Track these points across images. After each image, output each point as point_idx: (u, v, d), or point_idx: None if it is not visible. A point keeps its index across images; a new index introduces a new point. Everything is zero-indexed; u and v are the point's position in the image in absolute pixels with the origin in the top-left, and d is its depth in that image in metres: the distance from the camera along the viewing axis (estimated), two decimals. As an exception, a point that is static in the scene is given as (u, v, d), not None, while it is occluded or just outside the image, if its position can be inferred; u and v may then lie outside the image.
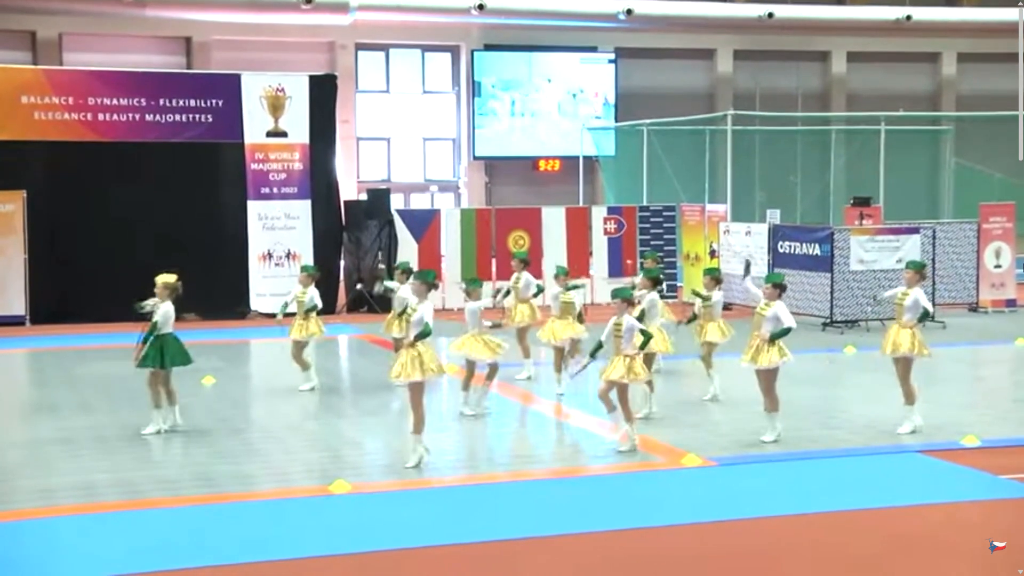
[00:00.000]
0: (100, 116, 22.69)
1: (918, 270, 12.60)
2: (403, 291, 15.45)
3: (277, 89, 23.71)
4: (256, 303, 23.02)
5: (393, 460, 11.35)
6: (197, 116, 23.31)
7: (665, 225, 26.01)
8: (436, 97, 33.71)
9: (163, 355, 12.27)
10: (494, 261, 24.61)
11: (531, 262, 16.87)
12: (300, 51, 31.27)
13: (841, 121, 33.29)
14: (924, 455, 11.39)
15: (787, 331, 11.80)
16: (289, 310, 15.05)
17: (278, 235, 23.63)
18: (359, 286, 22.86)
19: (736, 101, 33.10)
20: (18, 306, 21.94)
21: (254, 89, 23.58)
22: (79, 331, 20.58)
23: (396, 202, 27.45)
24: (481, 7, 31.58)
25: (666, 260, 25.99)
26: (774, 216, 24.44)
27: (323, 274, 22.71)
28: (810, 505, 9.79)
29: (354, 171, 31.98)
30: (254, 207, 23.55)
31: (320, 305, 15.06)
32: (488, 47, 33.15)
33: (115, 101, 22.88)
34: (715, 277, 14.68)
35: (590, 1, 33.22)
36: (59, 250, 21.87)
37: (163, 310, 12.28)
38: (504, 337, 13.66)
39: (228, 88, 23.55)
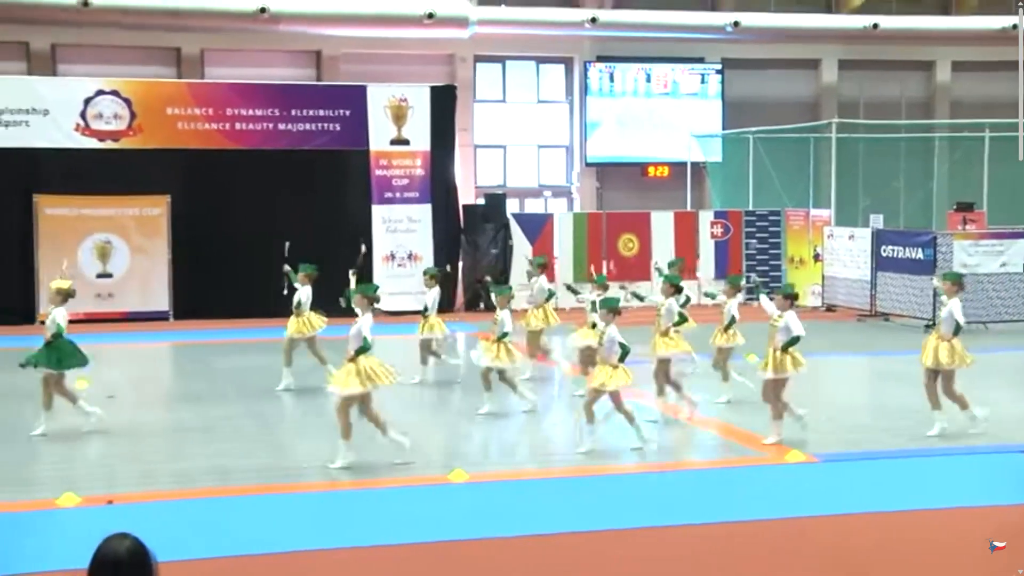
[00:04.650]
0: (237, 126, 23.12)
1: (955, 281, 12.05)
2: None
3: (400, 99, 23.91)
4: (380, 302, 23.21)
5: (505, 451, 11.35)
6: (326, 125, 23.61)
7: (770, 229, 25.66)
8: (550, 106, 33.67)
9: (59, 359, 12.03)
10: (605, 263, 24.48)
11: (549, 267, 16.70)
12: (422, 63, 31.48)
13: (945, 128, 32.44)
14: (1027, 456, 11.04)
15: (797, 339, 11.42)
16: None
17: (400, 237, 23.84)
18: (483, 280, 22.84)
19: (840, 109, 32.47)
20: (162, 302, 22.48)
21: (379, 99, 23.82)
22: (217, 326, 21.02)
23: (512, 206, 27.49)
24: (594, 20, 31.47)
25: (771, 263, 25.66)
26: (877, 221, 23.94)
27: (442, 275, 22.95)
28: (911, 502, 9.55)
29: (472, 177, 32.09)
30: (378, 211, 23.79)
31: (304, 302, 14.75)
32: (600, 58, 33.00)
33: (251, 112, 23.29)
34: (735, 284, 14.09)
35: (698, 14, 32.89)
36: (199, 251, 22.32)
37: (54, 314, 12.12)
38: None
39: (355, 99, 23.82)
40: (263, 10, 28.66)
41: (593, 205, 32.66)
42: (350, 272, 12.96)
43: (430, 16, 29.81)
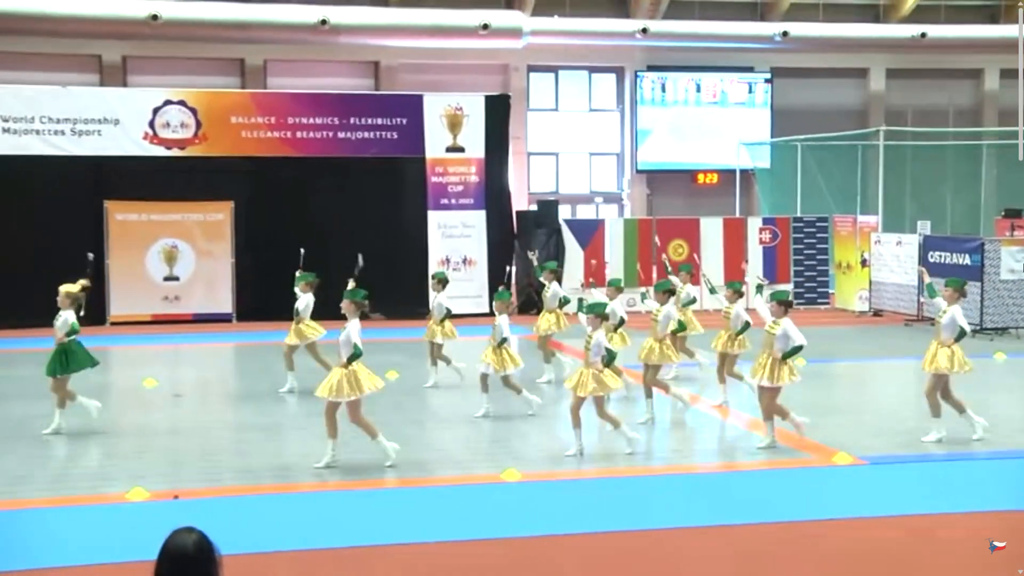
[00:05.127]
0: (298, 134, 23.32)
1: (957, 288, 11.79)
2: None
3: (456, 108, 23.99)
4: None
5: (558, 451, 11.33)
6: (383, 133, 23.74)
7: (818, 235, 25.44)
8: (601, 115, 33.62)
9: (67, 361, 12.09)
10: (655, 268, 24.40)
11: (560, 273, 16.59)
12: (477, 73, 31.55)
13: (992, 136, 31.98)
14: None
15: (799, 349, 11.18)
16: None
17: (455, 242, 23.91)
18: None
19: (888, 117, 32.14)
20: (226, 304, 22.71)
21: (435, 108, 23.91)
22: (278, 328, 21.11)
23: (563, 212, 27.47)
24: (644, 31, 31.38)
25: (819, 269, 25.44)
26: (925, 227, 23.67)
27: (496, 280, 22.98)
28: (957, 504, 9.42)
29: (525, 183, 32.11)
30: (434, 216, 23.88)
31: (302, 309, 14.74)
32: (651, 68, 32.91)
33: (311, 120, 23.47)
34: (737, 290, 13.82)
35: (747, 24, 32.70)
36: (261, 254, 22.51)
37: (63, 318, 12.15)
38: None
39: (411, 108, 23.93)
40: (324, 22, 28.88)
41: (643, 211, 32.55)
42: (349, 281, 12.84)
43: (485, 27, 29.89)
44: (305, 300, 14.82)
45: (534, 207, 27.37)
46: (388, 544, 8.39)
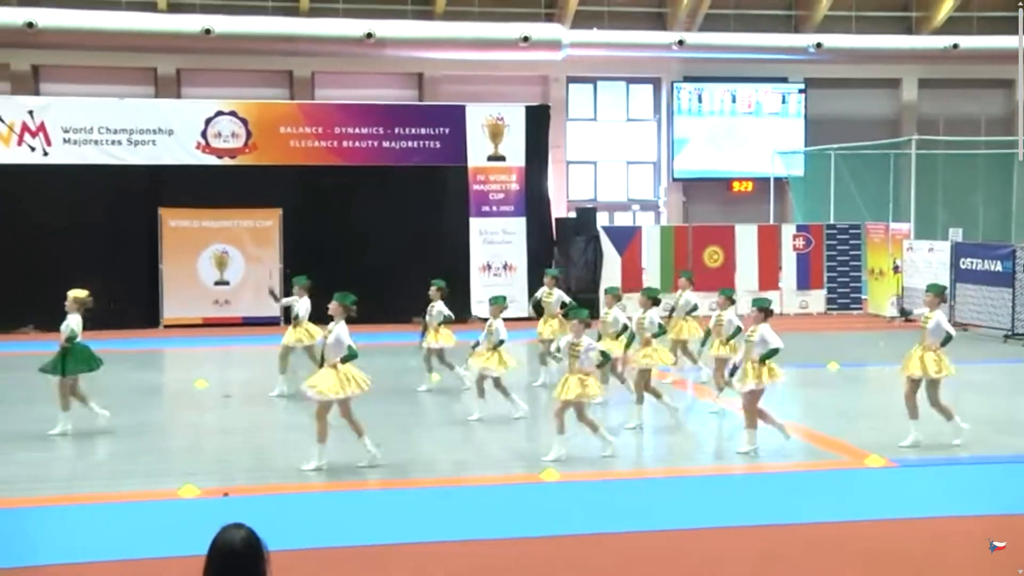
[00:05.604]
0: (344, 143, 23.44)
1: (938, 293, 11.59)
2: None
3: (497, 118, 24.03)
4: (476, 309, 23.35)
5: (595, 453, 11.31)
6: (426, 143, 23.81)
7: (851, 242, 25.27)
8: (639, 124, 33.55)
9: (64, 363, 12.12)
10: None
11: (561, 279, 16.46)
12: (517, 84, 31.58)
13: (1024, 145, 31.60)
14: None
15: (776, 352, 11.01)
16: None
17: (496, 248, 23.94)
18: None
19: (920, 126, 31.85)
20: (274, 308, 22.77)
21: (477, 118, 23.96)
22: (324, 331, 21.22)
23: (601, 219, 27.42)
24: (681, 43, 31.30)
25: (851, 275, 25.24)
26: (956, 234, 23.42)
27: (535, 285, 22.97)
28: (987, 507, 9.30)
29: (564, 191, 32.10)
30: (475, 223, 23.92)
31: (302, 315, 14.73)
32: (687, 79, 32.81)
33: (357, 130, 23.58)
34: (728, 297, 13.58)
35: (782, 36, 32.52)
36: (308, 260, 22.60)
37: (72, 321, 12.17)
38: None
39: (454, 118, 23.99)
40: (370, 35, 29.04)
41: (680, 218, 32.43)
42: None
43: (525, 40, 29.93)
44: (304, 304, 14.84)
45: (573, 214, 27.35)
46: (431, 542, 8.40)
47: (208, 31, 28.26)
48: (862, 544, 8.40)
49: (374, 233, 22.86)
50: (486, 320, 15.49)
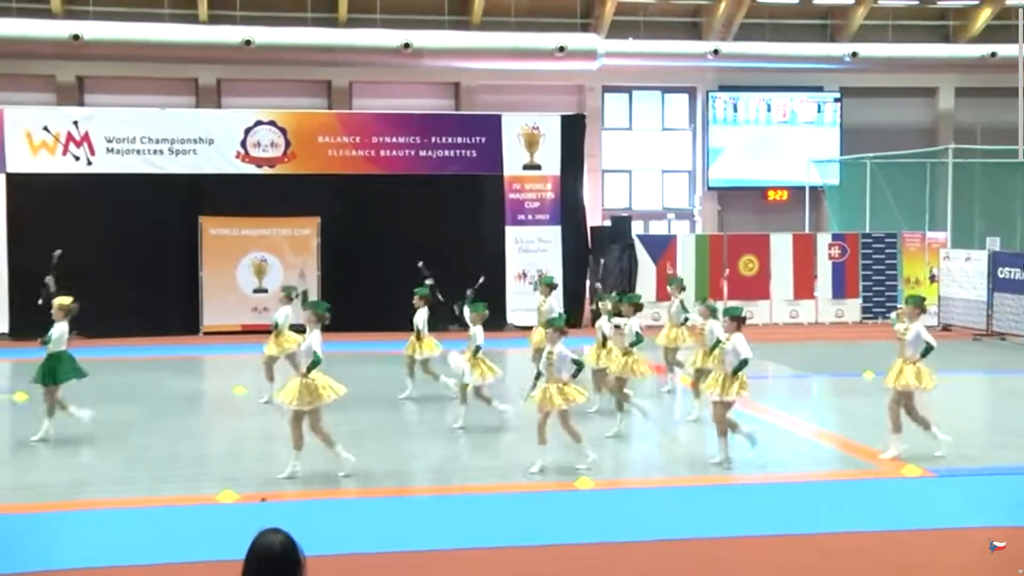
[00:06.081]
0: (382, 152, 23.53)
1: (917, 304, 11.37)
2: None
3: (533, 127, 24.04)
4: (512, 317, 23.35)
5: (636, 460, 11.27)
6: (463, 152, 23.86)
7: (887, 251, 25.06)
8: (674, 133, 33.47)
9: (56, 372, 12.13)
10: (725, 283, 24.21)
11: (556, 286, 16.29)
12: (553, 94, 31.61)
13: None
14: None
15: (745, 362, 10.79)
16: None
17: (532, 257, 23.93)
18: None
19: (957, 135, 31.55)
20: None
21: (513, 128, 23.98)
22: (362, 338, 21.34)
23: (636, 228, 27.38)
24: (716, 52, 31.21)
25: (887, 284, 25.02)
26: (994, 243, 23.17)
27: (570, 293, 22.95)
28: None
29: (599, 200, 32.07)
30: (511, 232, 23.94)
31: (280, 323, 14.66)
32: (722, 88, 32.71)
33: (394, 139, 23.67)
34: (712, 308, 13.16)
35: (817, 46, 32.37)
36: (345, 268, 22.74)
37: (58, 330, 12.18)
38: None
39: (490, 127, 24.03)
40: (407, 45, 29.16)
41: (714, 227, 32.31)
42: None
43: (561, 49, 29.95)
44: (283, 312, 14.85)
45: (608, 223, 27.30)
46: (468, 548, 8.39)
47: (248, 42, 28.49)
48: (898, 555, 8.30)
49: (411, 241, 22.88)
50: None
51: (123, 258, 22.01)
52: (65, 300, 12.56)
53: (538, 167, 24.02)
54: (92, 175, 22.24)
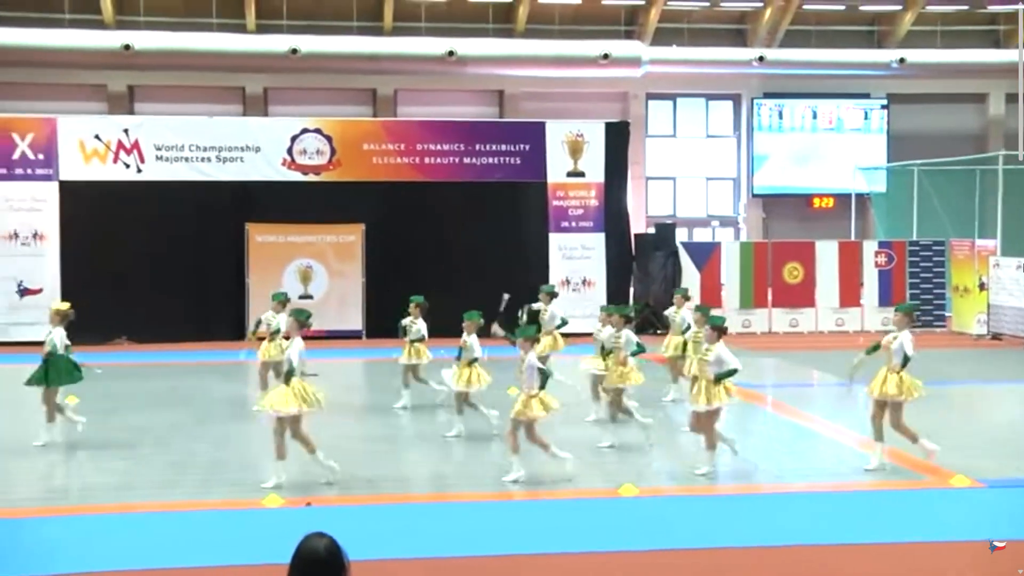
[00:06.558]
0: (426, 160, 23.60)
1: (907, 313, 11.15)
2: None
3: (577, 135, 24.01)
4: (555, 324, 23.28)
5: (675, 467, 11.20)
6: (507, 159, 23.87)
7: (934, 259, 24.74)
8: (718, 141, 33.34)
9: (47, 375, 12.14)
10: (770, 291, 24.06)
11: (557, 295, 16.12)
12: (597, 101, 31.59)
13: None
14: None
15: (734, 372, 10.58)
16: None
17: (575, 264, 23.90)
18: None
19: (1007, 141, 31.11)
20: (356, 322, 23.06)
21: (556, 135, 23.97)
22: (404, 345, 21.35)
23: (680, 235, 27.26)
24: (761, 59, 31.04)
25: (935, 292, 24.72)
26: (1045, 251, 22.83)
27: (613, 300, 22.89)
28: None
29: (643, 207, 32.01)
30: (555, 239, 23.91)
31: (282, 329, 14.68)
32: (767, 95, 32.54)
33: (438, 147, 23.73)
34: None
35: (864, 52, 32.10)
36: (390, 275, 22.80)
37: (54, 335, 12.17)
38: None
39: (534, 134, 24.03)
40: (451, 53, 29.26)
41: (759, 234, 32.12)
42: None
43: (605, 57, 29.92)
44: (282, 320, 14.86)
45: (652, 230, 27.22)
46: (510, 555, 8.38)
47: (295, 51, 28.73)
48: (947, 565, 8.18)
49: (455, 248, 22.97)
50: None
51: (171, 264, 22.24)
52: (62, 306, 12.69)
53: (582, 174, 23.99)
54: (141, 182, 22.50)
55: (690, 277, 23.68)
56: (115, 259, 22.17)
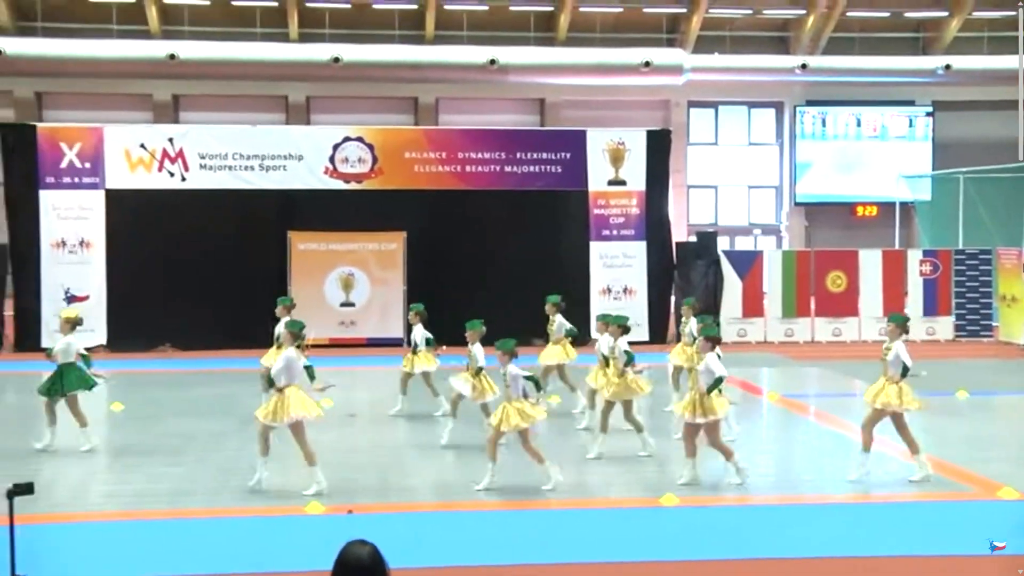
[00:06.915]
0: (467, 168, 23.65)
1: (900, 324, 11.03)
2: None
3: (618, 143, 23.97)
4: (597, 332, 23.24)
5: (714, 479, 11.13)
6: (548, 167, 23.87)
7: (980, 268, 24.44)
8: (760, 148, 33.17)
9: (62, 383, 12.15)
10: (813, 300, 23.87)
11: (565, 307, 16.00)
12: (638, 109, 31.54)
13: None
14: None
15: (720, 381, 10.50)
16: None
17: (616, 272, 23.84)
18: None
19: (1055, 149, 30.76)
20: (397, 329, 23.13)
21: (598, 143, 23.95)
22: (447, 352, 21.41)
23: (722, 244, 27.13)
24: (804, 67, 30.87)
25: (981, 301, 24.42)
26: (1094, 260, 22.48)
27: (654, 309, 22.83)
28: None
29: (684, 215, 31.91)
30: (596, 247, 23.87)
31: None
32: (810, 102, 32.33)
33: (480, 155, 23.77)
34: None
35: (909, 59, 31.84)
36: (431, 282, 22.86)
37: (64, 342, 12.22)
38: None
39: (575, 142, 24.02)
40: (493, 62, 29.34)
41: (801, 243, 31.92)
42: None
43: (647, 65, 29.88)
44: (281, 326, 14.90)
45: (693, 238, 27.12)
46: (549, 564, 8.37)
47: (337, 59, 28.93)
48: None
49: (496, 256, 23.00)
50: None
51: (214, 272, 22.43)
52: (71, 313, 12.80)
53: (623, 182, 23.95)
54: (186, 191, 22.73)
55: (732, 286, 23.56)
56: (160, 267, 22.40)
